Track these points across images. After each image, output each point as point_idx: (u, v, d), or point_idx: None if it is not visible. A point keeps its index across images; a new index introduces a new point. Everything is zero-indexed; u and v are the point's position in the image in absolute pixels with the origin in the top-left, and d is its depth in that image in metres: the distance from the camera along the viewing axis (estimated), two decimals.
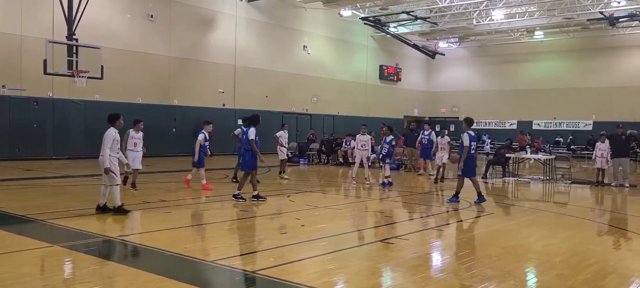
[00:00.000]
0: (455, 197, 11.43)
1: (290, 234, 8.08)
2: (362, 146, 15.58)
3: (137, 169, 12.24)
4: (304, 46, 31.18)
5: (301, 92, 30.96)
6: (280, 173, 16.47)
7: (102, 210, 9.03)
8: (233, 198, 10.96)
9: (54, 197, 11.51)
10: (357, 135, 16.11)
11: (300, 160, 23.53)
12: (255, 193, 11.02)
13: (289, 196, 12.41)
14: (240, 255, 6.57)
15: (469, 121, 11.87)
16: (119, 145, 9.49)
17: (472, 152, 11.48)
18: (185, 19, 25.39)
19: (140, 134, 12.46)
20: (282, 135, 17.00)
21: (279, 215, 9.80)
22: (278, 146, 16.85)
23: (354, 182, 15.20)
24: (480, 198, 11.27)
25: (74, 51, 18.08)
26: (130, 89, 23.11)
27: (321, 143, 24.30)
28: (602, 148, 16.43)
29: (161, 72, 24.49)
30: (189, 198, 11.57)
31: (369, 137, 16.17)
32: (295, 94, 30.59)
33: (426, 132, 18.02)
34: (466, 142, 11.28)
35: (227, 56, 27.14)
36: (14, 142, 20.20)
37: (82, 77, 18.01)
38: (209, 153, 13.73)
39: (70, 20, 18.44)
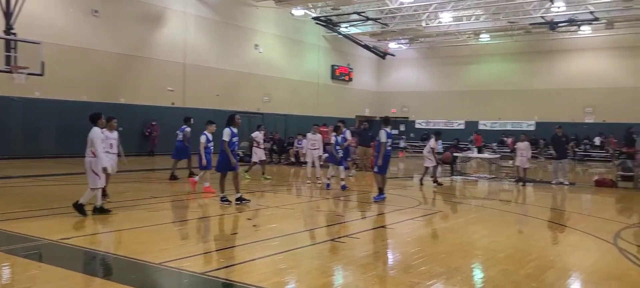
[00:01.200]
0: (381, 195, 11.65)
1: (241, 234, 7.99)
2: (312, 145, 15.55)
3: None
4: (255, 45, 30.95)
5: (253, 91, 30.71)
6: (262, 174, 16.41)
7: (100, 211, 8.93)
8: (220, 201, 10.65)
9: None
10: (308, 135, 16.07)
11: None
12: (238, 195, 10.58)
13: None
14: (190, 256, 6.44)
15: (386, 120, 12.15)
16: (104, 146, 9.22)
17: (389, 149, 11.67)
18: (132, 14, 24.69)
19: (115, 134, 11.13)
20: (258, 135, 16.87)
21: (230, 216, 9.68)
22: (254, 147, 16.79)
23: (309, 182, 15.13)
24: (381, 195, 11.60)
25: (12, 46, 17.28)
26: (73, 87, 22.24)
27: (273, 142, 24.19)
28: (522, 147, 17.10)
29: (107, 69, 23.70)
30: (137, 199, 11.25)
31: (320, 136, 16.14)
32: (247, 93, 30.31)
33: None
34: (383, 139, 11.48)
35: (176, 54, 26.59)
36: None
37: (22, 73, 17.21)
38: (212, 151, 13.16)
39: (8, 14, 17.62)
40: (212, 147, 12.86)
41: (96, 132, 8.85)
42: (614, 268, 6.53)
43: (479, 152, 22.31)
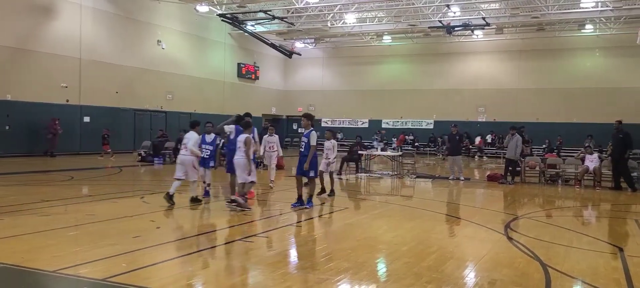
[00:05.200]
0: (303, 202, 10.76)
1: (144, 237, 7.67)
2: (270, 148, 14.73)
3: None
4: (157, 41, 29.81)
5: (155, 89, 29.59)
6: None
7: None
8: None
9: None
10: (264, 137, 14.90)
11: (155, 159, 22.48)
12: (233, 197, 10.29)
13: (142, 197, 11.80)
14: (88, 262, 6.08)
15: (312, 117, 11.10)
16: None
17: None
18: (19, 4, 22.83)
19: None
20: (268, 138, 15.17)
21: (131, 218, 9.26)
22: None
23: (272, 185, 14.33)
24: (307, 202, 10.70)
25: None
26: None
27: (177, 141, 23.43)
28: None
29: None
30: (29, 202, 10.42)
31: (276, 137, 15.18)
32: (149, 90, 29.16)
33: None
34: (314, 141, 10.63)
35: (70, 48, 24.94)
36: None
37: None
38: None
39: None
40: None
41: (194, 135, 10.41)
42: (505, 256, 7.04)
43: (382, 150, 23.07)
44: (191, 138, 10.62)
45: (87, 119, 25.81)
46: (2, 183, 13.76)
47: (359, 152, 20.08)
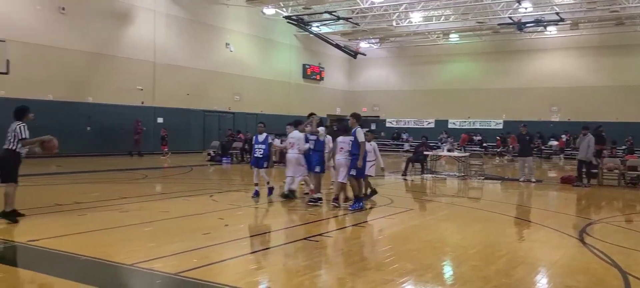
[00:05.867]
0: (358, 202, 10.50)
1: (213, 234, 7.94)
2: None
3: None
4: (226, 44, 30.73)
5: (223, 91, 30.51)
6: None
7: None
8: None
9: None
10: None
11: (223, 159, 23.17)
12: (318, 195, 10.92)
13: (211, 195, 12.19)
14: (161, 257, 6.37)
15: (359, 117, 10.74)
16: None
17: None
18: (100, 11, 24.23)
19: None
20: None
21: (201, 215, 9.60)
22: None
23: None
24: (358, 203, 10.46)
25: None
26: (39, 85, 21.70)
27: (244, 142, 24.06)
28: None
29: (74, 68, 23.19)
30: (109, 199, 11.05)
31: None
32: (218, 92, 30.09)
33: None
34: (361, 137, 10.20)
35: (145, 52, 26.19)
36: None
37: None
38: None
39: None
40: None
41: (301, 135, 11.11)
42: (580, 262, 6.72)
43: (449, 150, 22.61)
44: (297, 136, 11.31)
45: (160, 120, 26.99)
46: (84, 181, 14.66)
47: (425, 152, 19.77)
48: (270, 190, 11.80)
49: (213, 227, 8.49)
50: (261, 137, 11.69)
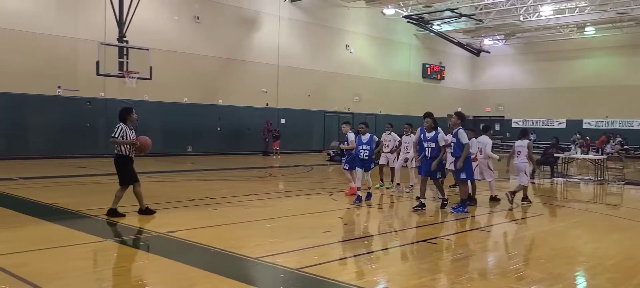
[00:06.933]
0: (464, 205, 10.01)
1: (333, 232, 8.10)
2: (405, 148, 13.72)
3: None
4: (346, 45, 31.19)
5: (343, 91, 30.99)
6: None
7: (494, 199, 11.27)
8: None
9: (105, 194, 11.87)
10: (404, 137, 13.79)
11: (342, 159, 23.41)
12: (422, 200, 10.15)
13: (331, 194, 12.45)
14: (283, 252, 6.64)
15: (463, 116, 10.27)
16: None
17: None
18: (230, 19, 25.83)
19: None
20: (385, 137, 14.19)
21: (321, 214, 9.84)
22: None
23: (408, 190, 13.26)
24: (463, 207, 9.96)
25: (125, 53, 18.69)
26: (176, 89, 23.72)
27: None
28: None
29: (206, 73, 25.00)
30: (237, 195, 11.76)
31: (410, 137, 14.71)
32: (337, 93, 30.64)
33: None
34: (465, 139, 9.75)
35: (270, 56, 27.45)
36: (68, 140, 21.03)
37: (132, 77, 18.60)
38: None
39: (121, 23, 19.05)
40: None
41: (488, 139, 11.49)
42: None
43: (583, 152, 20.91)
44: (485, 142, 11.42)
45: (283, 121, 28.12)
46: (216, 178, 15.73)
47: (555, 154, 18.49)
48: (369, 195, 11.13)
49: (332, 226, 8.67)
50: (365, 138, 11.13)
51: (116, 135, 8.49)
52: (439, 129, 10.02)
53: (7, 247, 6.55)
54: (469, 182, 10.46)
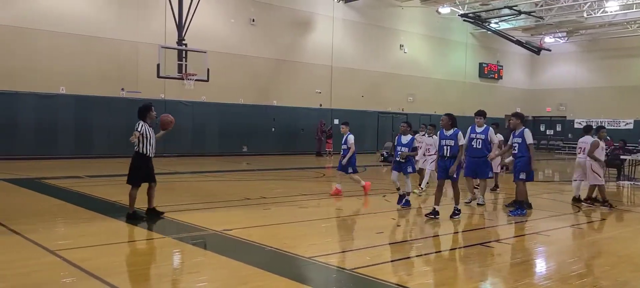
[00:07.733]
0: (522, 208, 9.75)
1: (386, 234, 8.05)
2: (427, 151, 13.36)
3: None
4: (400, 45, 30.90)
5: (397, 92, 30.71)
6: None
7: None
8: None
9: (165, 193, 12.26)
10: (419, 135, 14.05)
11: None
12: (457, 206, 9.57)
13: (384, 196, 12.37)
14: (337, 252, 6.66)
15: (523, 117, 9.99)
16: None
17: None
18: (284, 21, 26.14)
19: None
20: (419, 138, 13.72)
21: (374, 215, 9.80)
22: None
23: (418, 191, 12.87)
24: (521, 210, 9.72)
25: (184, 55, 19.25)
26: (232, 90, 24.23)
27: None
28: None
29: (261, 74, 25.40)
30: (291, 195, 11.89)
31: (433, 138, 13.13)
32: (391, 94, 30.40)
33: (479, 129, 10.98)
34: (530, 139, 9.49)
35: (323, 57, 27.58)
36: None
37: (191, 79, 19.16)
38: None
39: (180, 27, 19.65)
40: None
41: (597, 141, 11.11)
42: None
43: None
44: (588, 142, 11.24)
45: (336, 121, 28.16)
46: (270, 178, 15.96)
47: (622, 156, 17.60)
48: (407, 201, 10.37)
49: (385, 227, 8.62)
50: (405, 139, 10.39)
51: (137, 129, 8.74)
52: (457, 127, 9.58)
53: (73, 242, 6.91)
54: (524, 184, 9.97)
